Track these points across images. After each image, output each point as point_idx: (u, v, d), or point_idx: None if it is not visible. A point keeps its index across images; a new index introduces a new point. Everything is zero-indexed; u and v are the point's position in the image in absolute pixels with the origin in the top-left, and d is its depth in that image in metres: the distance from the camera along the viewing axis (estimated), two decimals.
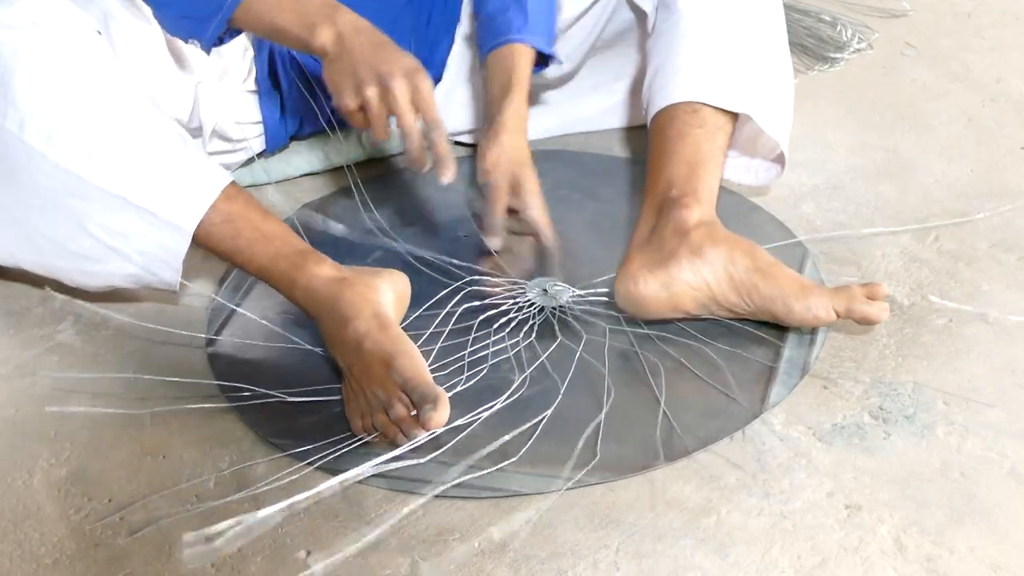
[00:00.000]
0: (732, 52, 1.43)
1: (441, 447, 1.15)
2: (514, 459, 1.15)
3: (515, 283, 1.39)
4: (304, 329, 1.31)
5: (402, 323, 1.30)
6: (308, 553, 1.08)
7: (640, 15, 1.60)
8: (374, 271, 1.28)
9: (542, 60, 1.55)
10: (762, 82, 1.43)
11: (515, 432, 1.17)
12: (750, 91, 1.41)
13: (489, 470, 1.14)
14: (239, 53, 1.54)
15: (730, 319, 1.31)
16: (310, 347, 1.30)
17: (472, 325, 1.34)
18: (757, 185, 1.56)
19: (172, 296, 1.39)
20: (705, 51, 1.43)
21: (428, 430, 1.14)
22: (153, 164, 1.24)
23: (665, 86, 1.43)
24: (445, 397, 1.14)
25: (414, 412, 1.14)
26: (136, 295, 1.41)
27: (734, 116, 1.42)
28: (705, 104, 1.39)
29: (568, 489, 1.12)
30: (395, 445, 1.15)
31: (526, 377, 1.26)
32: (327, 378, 1.27)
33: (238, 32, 1.40)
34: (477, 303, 1.37)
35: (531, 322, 1.35)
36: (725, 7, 1.45)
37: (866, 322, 1.26)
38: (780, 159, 1.50)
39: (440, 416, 1.13)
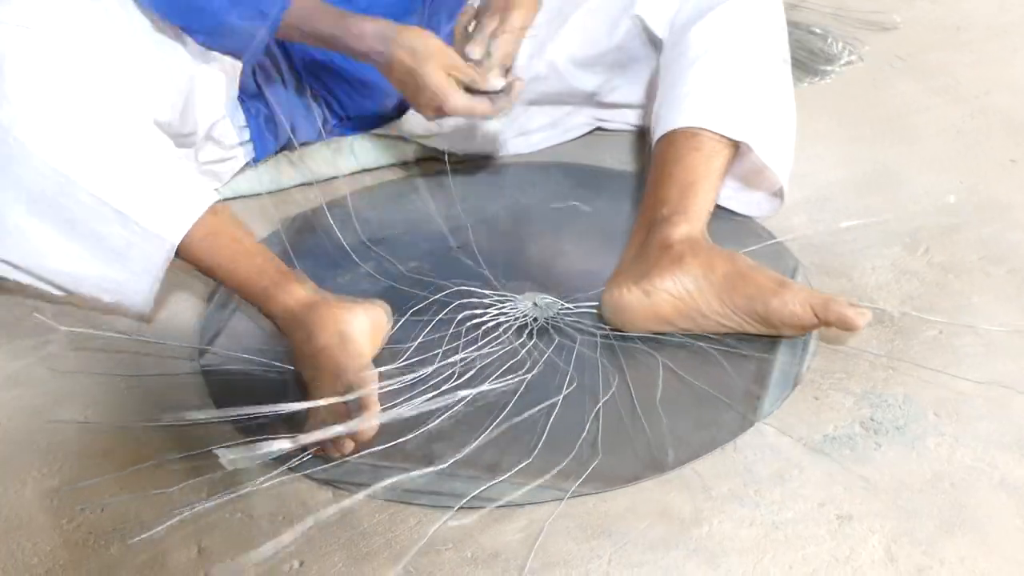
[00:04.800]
0: (736, 84, 1.45)
1: (435, 456, 1.16)
2: (516, 449, 1.15)
3: (505, 296, 1.40)
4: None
5: (393, 329, 1.31)
6: (301, 563, 1.07)
7: (655, 43, 1.61)
8: (355, 299, 1.28)
9: None
10: (763, 115, 1.45)
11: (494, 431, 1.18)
12: (750, 121, 1.43)
13: (478, 475, 1.14)
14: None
15: (717, 333, 1.31)
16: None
17: (461, 332, 1.35)
18: (758, 216, 1.57)
19: (160, 305, 1.40)
20: (709, 82, 1.45)
21: (358, 439, 1.14)
22: (142, 174, 1.24)
23: (668, 113, 1.45)
24: (375, 406, 1.13)
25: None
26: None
27: (733, 145, 1.43)
28: (704, 129, 1.41)
29: (560, 499, 1.13)
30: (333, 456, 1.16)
31: (524, 357, 1.29)
32: None
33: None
34: (467, 312, 1.37)
35: (529, 328, 1.35)
36: (734, 43, 1.47)
37: (844, 325, 1.25)
38: (780, 193, 1.52)
39: (366, 426, 1.12)
